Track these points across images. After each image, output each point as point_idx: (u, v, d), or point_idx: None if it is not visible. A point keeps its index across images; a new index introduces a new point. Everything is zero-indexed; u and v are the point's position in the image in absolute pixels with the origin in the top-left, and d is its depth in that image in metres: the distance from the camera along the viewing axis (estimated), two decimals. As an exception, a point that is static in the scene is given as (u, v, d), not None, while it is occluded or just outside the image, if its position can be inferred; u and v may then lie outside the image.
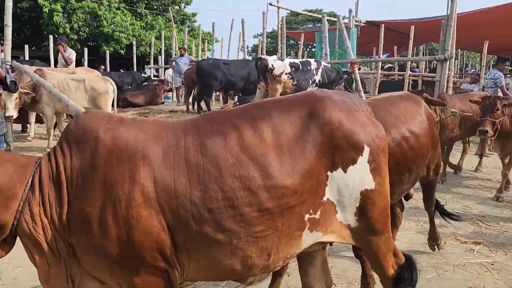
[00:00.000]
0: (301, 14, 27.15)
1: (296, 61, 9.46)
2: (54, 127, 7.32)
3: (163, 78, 16.81)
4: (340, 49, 11.99)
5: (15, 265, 3.52)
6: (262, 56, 9.46)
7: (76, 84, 6.59)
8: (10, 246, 1.81)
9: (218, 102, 14.69)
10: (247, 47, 18.28)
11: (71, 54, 9.45)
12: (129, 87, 14.81)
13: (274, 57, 9.33)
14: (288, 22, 12.48)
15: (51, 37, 15.45)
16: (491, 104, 5.17)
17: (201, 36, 18.59)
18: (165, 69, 17.54)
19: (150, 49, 21.25)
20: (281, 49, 12.92)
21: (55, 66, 11.81)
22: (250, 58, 18.20)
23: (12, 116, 6.13)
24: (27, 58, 14.63)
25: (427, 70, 16.89)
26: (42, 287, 1.90)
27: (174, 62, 13.99)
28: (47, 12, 20.93)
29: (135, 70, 18.59)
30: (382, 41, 12.46)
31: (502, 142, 5.63)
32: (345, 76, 9.63)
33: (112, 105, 6.82)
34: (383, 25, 12.74)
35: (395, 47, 17.06)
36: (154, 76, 18.90)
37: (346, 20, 11.97)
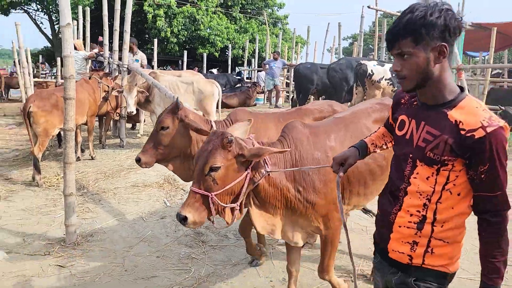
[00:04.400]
0: (395, 16, 26.02)
1: (397, 66, 9.09)
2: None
3: (255, 80, 17.20)
4: (444, 54, 11.24)
5: (135, 254, 3.83)
6: (362, 61, 9.23)
7: (185, 87, 6.98)
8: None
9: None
10: (336, 50, 17.95)
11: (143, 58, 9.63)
12: (224, 89, 15.36)
13: (374, 62, 9.06)
14: (380, 24, 11.99)
15: (155, 40, 16.58)
16: (209, 148, 2.27)
17: (295, 39, 18.68)
18: (258, 71, 17.92)
19: (243, 51, 21.87)
20: (378, 52, 12.50)
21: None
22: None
23: (132, 112, 6.65)
24: (134, 60, 15.82)
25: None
26: None
27: (267, 66, 14.23)
28: (151, 17, 22.51)
29: (229, 72, 19.23)
30: (494, 46, 11.43)
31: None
32: None
33: (217, 107, 7.13)
34: (495, 28, 11.65)
35: (506, 51, 15.57)
36: (246, 78, 19.40)
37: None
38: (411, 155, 1.67)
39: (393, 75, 8.76)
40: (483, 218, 1.58)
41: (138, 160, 3.31)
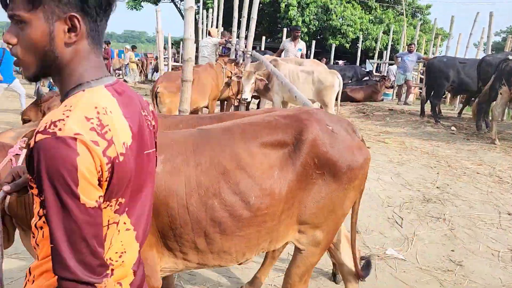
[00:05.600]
0: None
1: (561, 64, 7.56)
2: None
3: (385, 74, 16.20)
4: None
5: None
6: (510, 57, 7.90)
7: (305, 76, 6.76)
8: None
9: (445, 105, 13.22)
10: (485, 44, 15.71)
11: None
12: (350, 81, 14.76)
13: (530, 58, 7.66)
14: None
15: (285, 29, 16.66)
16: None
17: (435, 31, 17.01)
18: (389, 64, 16.86)
19: (376, 43, 20.76)
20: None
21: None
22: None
23: (246, 99, 6.69)
24: (263, 48, 16.18)
25: None
26: None
27: (399, 59, 13.19)
28: (284, 6, 22.68)
29: (357, 64, 18.45)
30: None
31: None
32: None
33: (336, 99, 6.77)
34: None
35: None
36: (376, 71, 18.42)
37: None
38: None
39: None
40: None
41: None
